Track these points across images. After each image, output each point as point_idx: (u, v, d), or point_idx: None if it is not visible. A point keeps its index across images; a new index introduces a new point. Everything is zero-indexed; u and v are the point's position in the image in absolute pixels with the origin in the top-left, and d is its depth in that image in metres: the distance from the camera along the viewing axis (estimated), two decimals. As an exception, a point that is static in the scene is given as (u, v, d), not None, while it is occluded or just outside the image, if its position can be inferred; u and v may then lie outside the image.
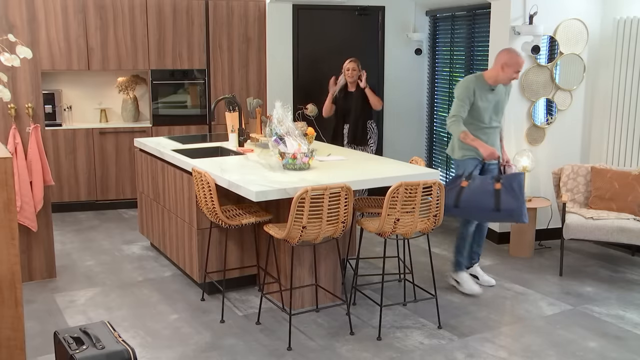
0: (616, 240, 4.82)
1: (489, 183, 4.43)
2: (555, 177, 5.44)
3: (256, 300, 4.48)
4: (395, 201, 3.77)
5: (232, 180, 3.97)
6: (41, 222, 4.78)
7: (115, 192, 6.97)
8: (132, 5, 6.72)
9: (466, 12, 6.67)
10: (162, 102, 7.00)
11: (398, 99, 7.37)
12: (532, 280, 4.92)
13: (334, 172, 4.25)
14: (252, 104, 5.67)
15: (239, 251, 4.58)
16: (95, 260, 5.37)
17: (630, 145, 5.46)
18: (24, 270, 4.74)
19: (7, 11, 4.45)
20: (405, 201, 3.80)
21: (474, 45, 6.53)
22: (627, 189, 5.07)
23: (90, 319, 4.18)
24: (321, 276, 4.36)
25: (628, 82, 5.44)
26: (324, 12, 7.09)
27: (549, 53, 5.63)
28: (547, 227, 5.76)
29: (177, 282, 4.86)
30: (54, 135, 6.63)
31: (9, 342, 2.86)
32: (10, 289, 2.82)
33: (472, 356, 3.70)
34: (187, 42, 6.95)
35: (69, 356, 2.90)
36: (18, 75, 4.55)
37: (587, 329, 4.09)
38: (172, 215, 4.86)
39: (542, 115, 5.72)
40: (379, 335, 3.92)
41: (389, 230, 3.88)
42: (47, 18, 6.46)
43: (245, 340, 3.90)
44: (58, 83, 7.02)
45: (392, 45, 7.27)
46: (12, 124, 4.58)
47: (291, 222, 3.64)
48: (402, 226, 3.88)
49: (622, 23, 5.43)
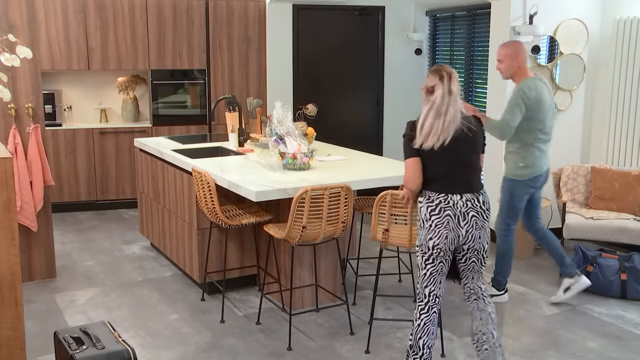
0: (616, 240, 4.81)
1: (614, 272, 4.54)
2: (555, 177, 5.44)
3: (256, 300, 4.48)
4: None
5: (232, 180, 3.97)
6: (41, 222, 4.78)
7: (115, 192, 6.96)
8: (132, 5, 6.72)
9: (466, 12, 6.67)
10: (162, 102, 7.00)
11: (398, 99, 7.37)
12: (532, 280, 4.92)
13: (334, 172, 4.25)
14: (252, 104, 5.67)
15: (239, 251, 4.58)
16: (95, 260, 5.37)
17: (630, 145, 5.46)
18: (24, 270, 4.74)
19: (7, 11, 4.45)
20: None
21: (474, 45, 6.53)
22: (627, 189, 5.07)
23: (90, 319, 4.18)
24: (321, 276, 4.36)
25: (628, 82, 5.43)
26: (324, 12, 7.09)
27: (549, 53, 5.63)
28: (547, 227, 5.74)
29: (177, 282, 4.86)
30: (54, 135, 6.63)
31: (9, 342, 2.86)
32: (10, 289, 2.82)
33: (472, 356, 3.70)
34: (187, 42, 6.95)
35: (69, 356, 2.90)
36: (18, 75, 4.55)
37: (587, 329, 4.09)
38: (172, 215, 4.86)
39: (542, 115, 5.71)
40: (368, 344, 3.92)
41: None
42: (47, 18, 6.46)
43: (245, 340, 3.90)
44: (58, 83, 7.02)
45: (392, 45, 7.27)
46: (12, 124, 4.58)
47: (291, 222, 3.64)
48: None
49: (622, 23, 5.43)
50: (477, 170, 3.27)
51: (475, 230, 3.19)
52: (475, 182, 3.23)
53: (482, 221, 3.20)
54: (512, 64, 4.27)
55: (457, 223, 3.16)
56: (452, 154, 3.16)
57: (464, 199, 3.16)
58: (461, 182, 3.19)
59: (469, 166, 3.22)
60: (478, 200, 3.19)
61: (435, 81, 3.19)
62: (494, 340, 3.30)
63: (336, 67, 7.21)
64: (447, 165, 3.18)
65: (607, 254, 4.66)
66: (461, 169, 3.20)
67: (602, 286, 4.57)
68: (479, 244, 3.23)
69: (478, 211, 3.19)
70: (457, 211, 3.15)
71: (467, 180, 3.21)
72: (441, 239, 3.16)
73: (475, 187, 3.22)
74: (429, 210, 3.18)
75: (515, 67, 4.27)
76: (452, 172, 3.19)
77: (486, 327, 3.31)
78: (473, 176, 3.24)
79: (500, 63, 4.31)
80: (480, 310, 3.32)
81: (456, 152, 3.17)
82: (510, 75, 4.34)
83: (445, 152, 3.15)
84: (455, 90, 3.17)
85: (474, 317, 3.35)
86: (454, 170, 3.19)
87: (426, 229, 3.19)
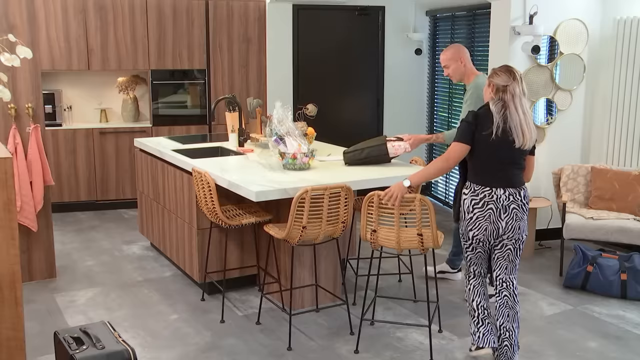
0: (616, 240, 4.81)
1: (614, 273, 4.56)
2: (555, 177, 5.44)
3: (256, 300, 4.48)
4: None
5: (232, 180, 3.97)
6: (41, 222, 4.78)
7: (116, 192, 6.96)
8: (132, 6, 6.72)
9: (466, 12, 6.67)
10: (162, 102, 7.00)
11: (398, 99, 7.37)
12: (532, 280, 4.92)
13: (334, 172, 4.25)
14: (252, 104, 5.67)
15: (239, 251, 4.58)
16: (95, 260, 5.37)
17: (630, 145, 5.46)
18: (24, 270, 4.73)
19: (7, 11, 4.45)
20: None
21: (474, 45, 6.53)
22: (627, 189, 5.06)
23: (90, 319, 4.18)
24: (321, 276, 4.36)
25: (628, 82, 5.43)
26: (324, 12, 7.10)
27: (549, 53, 5.63)
28: (547, 227, 5.76)
29: (177, 282, 4.86)
30: (54, 135, 6.63)
31: (9, 342, 2.86)
32: (10, 289, 2.82)
33: (472, 356, 3.70)
34: (187, 42, 6.95)
35: (69, 356, 2.90)
36: (18, 75, 4.55)
37: (587, 329, 4.09)
38: (172, 216, 4.86)
39: (542, 115, 5.72)
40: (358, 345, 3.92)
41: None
42: (47, 18, 6.46)
43: (245, 340, 3.90)
44: (58, 83, 7.02)
45: (392, 45, 7.27)
46: (12, 124, 4.58)
47: (291, 222, 3.64)
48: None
49: (622, 23, 5.43)
50: (522, 170, 3.46)
51: (515, 222, 3.40)
52: (518, 178, 3.43)
53: (522, 213, 3.42)
54: (458, 66, 4.45)
55: (498, 216, 3.38)
56: (507, 151, 3.35)
57: (507, 193, 3.38)
58: (505, 177, 3.39)
59: (517, 164, 3.42)
60: (519, 195, 3.40)
61: (509, 81, 3.32)
62: (514, 339, 3.47)
63: (336, 67, 7.21)
64: (498, 160, 3.38)
65: (607, 254, 4.66)
66: (510, 167, 3.40)
67: (602, 286, 4.57)
68: (518, 234, 3.43)
69: (519, 204, 3.40)
70: (500, 205, 3.37)
71: (511, 176, 3.41)
72: (480, 230, 3.42)
73: (517, 183, 3.42)
74: (472, 203, 3.41)
75: (461, 67, 4.46)
76: (500, 168, 3.39)
77: (512, 324, 3.47)
78: (518, 174, 3.44)
79: (447, 68, 4.50)
80: (510, 307, 3.48)
81: (509, 149, 3.35)
82: (460, 77, 4.54)
83: (502, 147, 3.34)
84: (526, 91, 3.39)
85: (502, 313, 3.49)
86: (503, 166, 3.39)
87: (467, 220, 3.45)
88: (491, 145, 3.32)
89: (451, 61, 4.46)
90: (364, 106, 7.36)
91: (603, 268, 4.57)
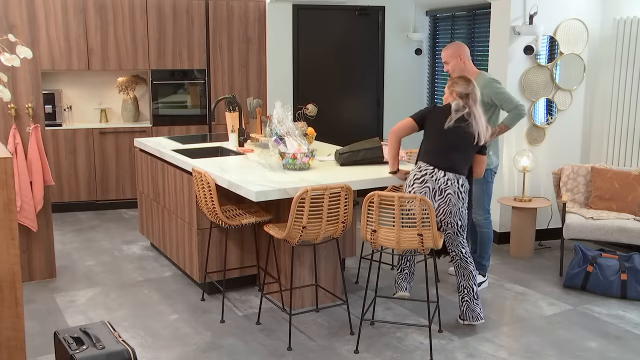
0: (616, 240, 4.81)
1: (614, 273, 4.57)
2: (555, 177, 5.44)
3: (256, 300, 4.48)
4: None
5: (232, 180, 3.97)
6: (41, 222, 4.78)
7: (115, 192, 6.97)
8: (132, 5, 6.72)
9: (466, 12, 6.68)
10: (162, 102, 7.00)
11: (398, 99, 7.37)
12: (532, 280, 4.92)
13: (334, 172, 4.25)
14: (252, 104, 5.67)
15: (239, 251, 4.58)
16: (95, 260, 5.37)
17: (630, 145, 5.46)
18: (24, 270, 4.74)
19: (7, 11, 4.45)
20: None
21: (474, 45, 6.53)
22: (627, 189, 5.06)
23: (90, 319, 4.18)
24: (321, 276, 4.36)
25: (628, 82, 5.43)
26: (324, 12, 7.10)
27: (549, 53, 5.63)
28: (547, 227, 5.76)
29: (177, 282, 4.86)
30: (54, 135, 6.63)
31: (9, 342, 2.86)
32: (10, 289, 2.82)
33: (472, 356, 3.70)
34: (187, 42, 6.95)
35: (69, 356, 2.90)
36: (18, 75, 4.55)
37: (587, 329, 4.09)
38: (172, 215, 4.86)
39: (542, 115, 5.72)
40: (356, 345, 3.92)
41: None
42: (47, 18, 6.46)
43: (245, 340, 3.90)
44: (58, 83, 7.02)
45: (392, 45, 7.28)
46: (12, 124, 4.58)
47: (291, 222, 3.64)
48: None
49: (622, 23, 5.43)
50: (468, 163, 3.88)
51: (447, 207, 3.81)
52: (461, 167, 3.82)
53: (456, 200, 3.81)
54: (458, 63, 4.54)
55: (433, 196, 3.80)
56: (458, 140, 3.78)
57: (446, 177, 3.80)
58: (450, 161, 3.80)
59: (465, 155, 3.84)
60: (457, 182, 3.81)
61: (469, 89, 3.81)
62: (473, 293, 3.99)
63: (336, 67, 7.21)
64: (447, 145, 3.80)
65: (607, 254, 4.66)
66: (458, 154, 3.80)
67: (602, 286, 4.57)
68: (453, 220, 3.86)
69: (455, 190, 3.80)
70: (437, 186, 3.79)
71: (455, 163, 3.80)
72: None
73: (459, 170, 3.82)
74: (414, 177, 3.86)
75: (460, 65, 4.55)
76: (447, 151, 3.80)
77: (468, 282, 3.99)
78: (463, 164, 3.83)
79: (447, 64, 4.59)
80: (463, 268, 3.99)
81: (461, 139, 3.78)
82: (459, 74, 4.54)
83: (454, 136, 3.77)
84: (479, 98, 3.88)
85: (458, 274, 4.03)
86: (451, 152, 3.80)
87: (407, 193, 3.82)
88: (445, 134, 3.78)
89: (451, 57, 4.54)
90: (364, 106, 7.36)
91: (603, 268, 4.57)
